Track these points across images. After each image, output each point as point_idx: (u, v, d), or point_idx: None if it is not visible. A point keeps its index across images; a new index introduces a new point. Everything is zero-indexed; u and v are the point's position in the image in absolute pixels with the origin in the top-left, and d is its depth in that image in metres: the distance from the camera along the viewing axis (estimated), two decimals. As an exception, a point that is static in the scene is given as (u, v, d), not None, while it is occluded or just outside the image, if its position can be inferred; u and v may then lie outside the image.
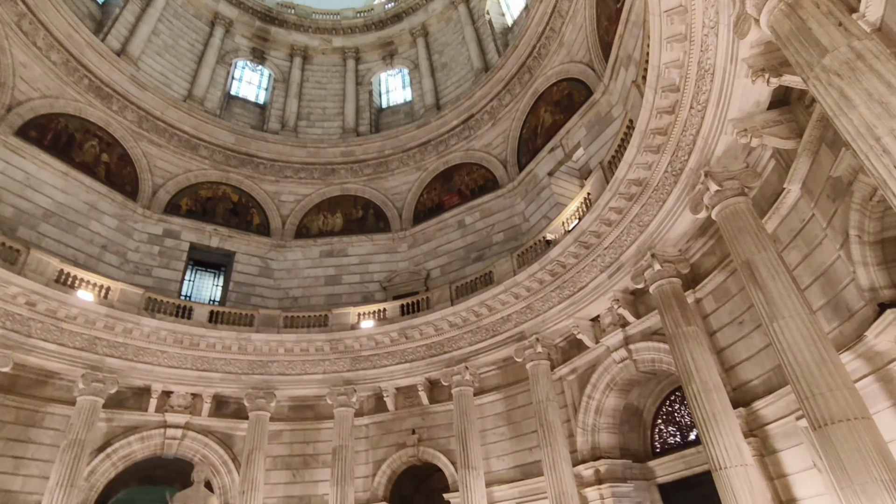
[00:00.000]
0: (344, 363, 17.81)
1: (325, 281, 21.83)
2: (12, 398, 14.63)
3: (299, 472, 17.20)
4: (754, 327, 10.42)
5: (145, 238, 20.27)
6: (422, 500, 19.10)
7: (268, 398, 17.01)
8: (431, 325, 17.27)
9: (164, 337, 16.55)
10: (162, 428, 16.37)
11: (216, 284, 21.67)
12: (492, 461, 15.88)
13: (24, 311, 14.38)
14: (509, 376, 16.72)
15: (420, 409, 17.55)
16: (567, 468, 13.48)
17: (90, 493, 14.89)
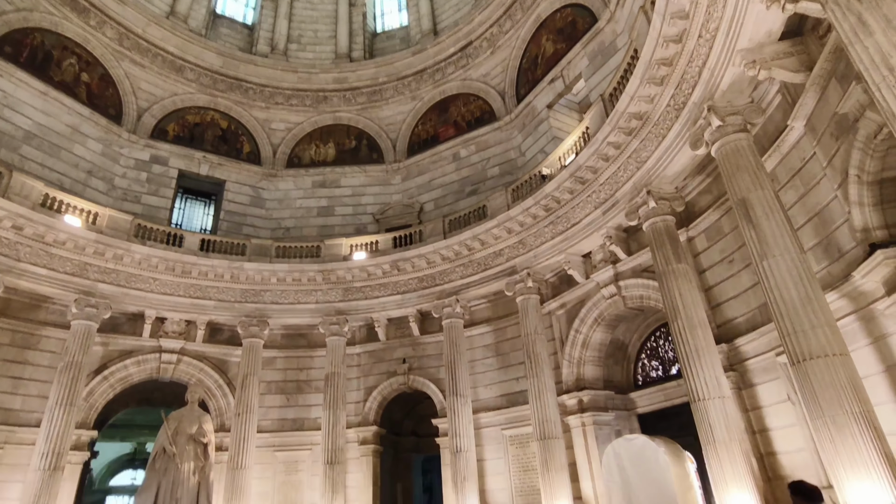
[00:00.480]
0: (336, 294, 17.97)
1: (318, 212, 21.63)
2: (7, 321, 14.74)
3: (293, 397, 17.76)
4: (743, 266, 10.48)
5: (132, 164, 19.80)
6: (411, 425, 19.93)
7: (261, 326, 17.27)
8: (424, 258, 17.31)
9: (155, 264, 16.52)
10: (157, 353, 16.68)
11: (207, 213, 21.44)
12: (479, 390, 16.40)
13: (10, 235, 14.21)
14: (499, 310, 16.97)
15: (411, 339, 17.91)
16: (552, 397, 13.98)
17: (90, 413, 15.37)
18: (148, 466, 7.48)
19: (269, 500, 16.11)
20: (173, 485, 7.09)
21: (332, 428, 16.09)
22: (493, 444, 15.64)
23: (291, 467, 16.72)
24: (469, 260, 16.75)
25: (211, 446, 7.60)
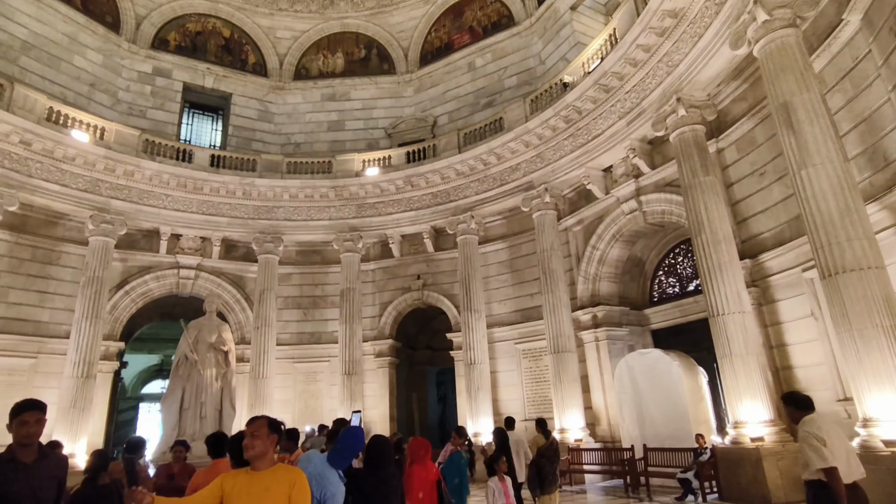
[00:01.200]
0: (349, 210, 17.77)
1: (328, 126, 20.97)
2: (26, 237, 14.85)
3: (309, 312, 18.11)
4: (775, 179, 9.97)
5: (135, 76, 19.08)
6: (426, 339, 20.39)
7: (275, 242, 17.28)
8: (438, 174, 16.88)
9: (166, 180, 16.33)
10: (175, 269, 16.89)
11: (215, 129, 20.91)
12: (493, 305, 16.52)
13: (20, 151, 13.97)
14: (514, 226, 16.71)
15: (425, 255, 17.88)
16: (566, 312, 14.04)
17: (115, 325, 15.84)
18: (172, 373, 7.68)
19: (290, 407, 16.88)
20: (197, 389, 7.30)
21: (348, 341, 16.49)
22: (507, 357, 15.97)
23: (311, 377, 17.37)
24: (484, 175, 16.29)
25: (231, 354, 7.75)
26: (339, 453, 3.37)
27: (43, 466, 3.12)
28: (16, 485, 2.98)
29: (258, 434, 2.73)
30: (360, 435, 3.57)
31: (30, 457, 3.09)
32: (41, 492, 3.05)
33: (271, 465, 2.73)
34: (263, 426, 2.77)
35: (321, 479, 3.19)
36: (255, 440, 2.71)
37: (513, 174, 15.75)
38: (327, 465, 3.30)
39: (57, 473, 3.20)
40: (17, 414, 3.07)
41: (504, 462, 5.51)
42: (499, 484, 5.38)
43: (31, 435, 3.07)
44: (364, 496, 3.45)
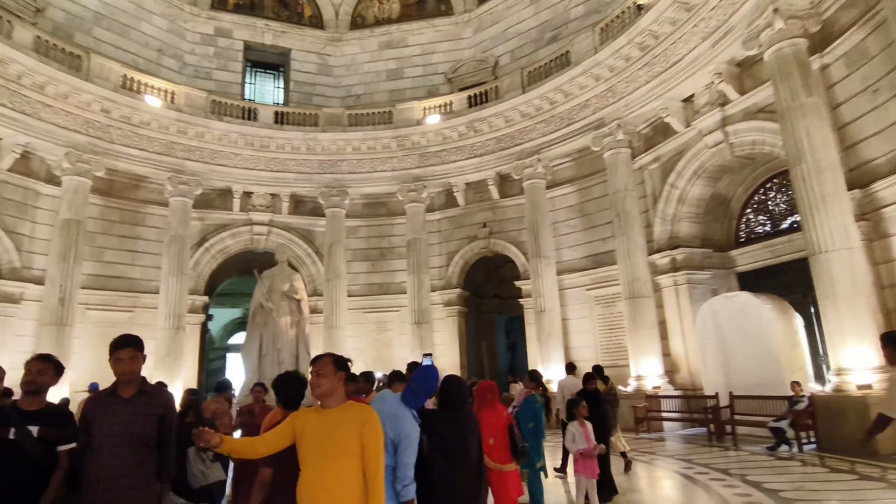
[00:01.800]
0: (412, 160, 17.52)
1: (387, 75, 20.55)
2: (114, 200, 15.80)
3: (377, 263, 18.33)
4: (892, 95, 8.65)
5: (198, 39, 19.38)
6: (493, 287, 20.22)
7: (341, 196, 17.43)
8: (501, 117, 16.18)
9: (234, 140, 16.71)
10: (249, 225, 17.49)
11: (277, 87, 21.06)
12: (563, 252, 15.97)
13: (101, 118, 14.67)
14: (584, 168, 15.86)
15: (490, 203, 17.45)
16: (641, 256, 13.31)
17: (198, 281, 16.75)
18: (249, 321, 7.93)
19: (363, 355, 17.39)
20: (273, 337, 7.51)
21: (416, 291, 16.60)
22: (578, 303, 15.51)
23: (381, 327, 17.76)
24: (551, 115, 15.44)
25: (303, 302, 7.89)
26: (413, 392, 3.20)
27: (140, 402, 3.06)
28: (112, 417, 2.98)
29: (323, 372, 2.60)
30: (435, 374, 3.37)
31: (129, 392, 3.07)
32: (136, 427, 2.99)
33: (341, 403, 2.61)
34: (328, 364, 2.63)
35: (395, 418, 3.03)
36: (321, 378, 2.59)
37: (581, 112, 14.80)
38: (401, 405, 3.14)
39: (156, 410, 3.10)
40: (112, 351, 3.06)
41: (585, 406, 5.23)
42: (579, 428, 5.12)
43: (125, 372, 3.03)
44: (440, 437, 3.28)
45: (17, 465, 3.09)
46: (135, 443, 2.96)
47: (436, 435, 3.26)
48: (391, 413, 3.08)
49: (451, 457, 3.28)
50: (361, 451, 2.46)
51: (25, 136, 13.33)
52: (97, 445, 2.93)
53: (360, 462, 2.46)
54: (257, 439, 2.63)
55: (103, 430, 2.95)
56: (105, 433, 2.95)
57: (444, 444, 3.27)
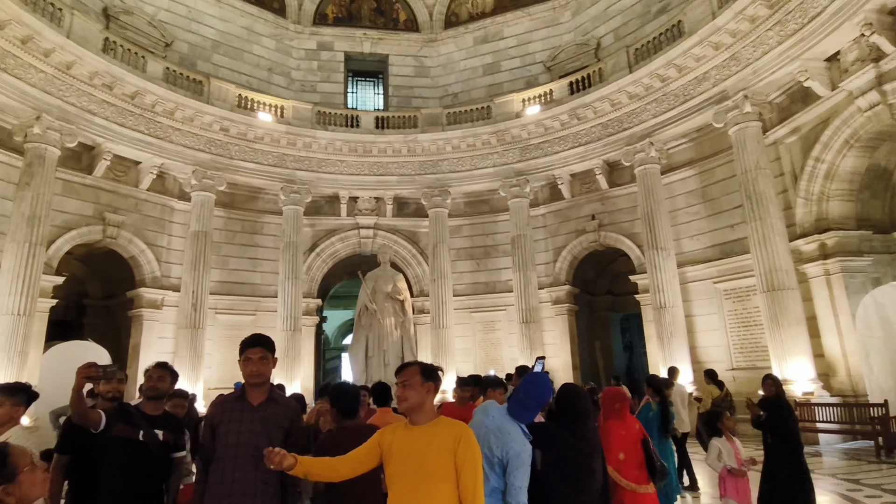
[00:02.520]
0: (513, 154, 16.98)
1: (483, 70, 20.18)
2: (236, 212, 17.01)
3: (482, 262, 17.99)
4: None
5: (303, 55, 20.36)
6: (605, 283, 19.03)
7: (443, 196, 17.33)
8: (606, 100, 15.13)
9: (339, 147, 17.27)
10: (356, 229, 17.99)
11: (377, 93, 21.57)
12: (683, 242, 14.55)
13: (221, 137, 15.83)
14: (704, 148, 14.34)
15: (599, 193, 16.39)
16: (781, 243, 11.66)
17: (312, 284, 17.51)
18: (355, 323, 7.95)
19: (471, 356, 17.15)
20: (379, 338, 7.43)
21: (523, 289, 16.01)
22: (704, 298, 14.02)
23: (489, 326, 17.38)
24: (663, 94, 14.13)
25: (406, 303, 7.74)
26: (521, 404, 2.72)
27: (269, 411, 2.82)
28: (238, 425, 2.78)
29: (410, 383, 2.26)
30: (547, 382, 2.87)
31: (258, 398, 2.85)
32: (262, 439, 2.67)
33: (432, 418, 2.26)
34: (415, 373, 2.28)
35: (501, 433, 2.58)
36: (408, 390, 2.25)
37: (699, 86, 13.36)
38: (508, 418, 2.69)
39: (284, 423, 2.84)
40: (242, 350, 2.87)
41: (731, 419, 4.40)
42: (727, 444, 4.29)
43: (255, 374, 2.81)
44: (560, 457, 2.76)
45: (143, 464, 3.15)
46: (261, 457, 2.74)
47: (554, 453, 2.76)
48: (496, 427, 2.63)
49: (574, 479, 2.76)
50: (456, 476, 2.08)
51: (160, 157, 14.70)
52: (221, 455, 2.75)
53: (456, 488, 2.08)
54: (339, 460, 2.31)
55: (229, 438, 2.76)
56: (230, 442, 2.76)
57: (565, 464, 2.75)
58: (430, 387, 2.26)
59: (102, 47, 13.20)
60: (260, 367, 2.82)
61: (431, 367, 2.36)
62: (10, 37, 11.24)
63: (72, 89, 12.63)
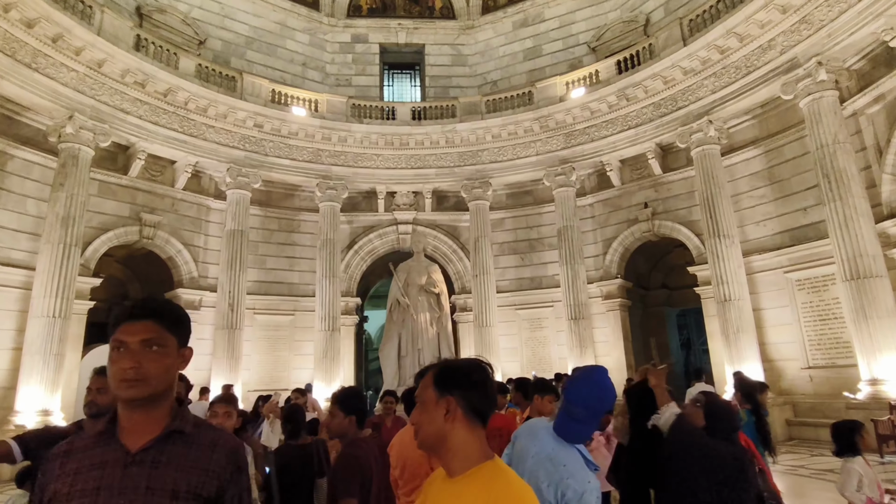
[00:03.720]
0: (557, 141, 15.99)
1: (524, 56, 19.23)
2: (272, 210, 16.71)
3: (527, 256, 17.07)
4: None
5: (337, 48, 19.95)
6: (660, 277, 17.77)
7: (483, 187, 16.52)
8: (658, 78, 13.96)
9: (375, 140, 16.72)
10: (394, 225, 17.40)
11: (414, 85, 20.97)
12: (748, 229, 13.25)
13: (255, 133, 15.53)
14: (770, 124, 13.02)
15: (651, 179, 15.21)
16: (867, 225, 10.32)
17: (350, 283, 17.03)
18: (386, 319, 7.27)
19: (517, 355, 16.25)
20: (413, 335, 6.73)
21: (571, 284, 15.02)
22: (773, 290, 12.70)
23: (535, 324, 16.44)
24: (722, 67, 12.88)
25: (443, 296, 6.98)
26: (569, 415, 1.91)
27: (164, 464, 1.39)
28: (96, 500, 1.40)
29: (421, 398, 1.46)
30: (604, 380, 2.05)
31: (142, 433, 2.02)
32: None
33: (469, 463, 1.38)
34: (427, 385, 1.46)
35: (553, 465, 1.80)
36: (418, 413, 1.46)
37: (764, 56, 12.07)
38: (561, 443, 1.88)
39: (196, 485, 1.39)
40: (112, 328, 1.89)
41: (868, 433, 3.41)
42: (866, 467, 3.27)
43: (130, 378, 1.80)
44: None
45: None
46: None
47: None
48: (546, 456, 1.84)
49: None
50: None
51: (194, 156, 14.49)
52: None
53: None
54: None
55: None
56: None
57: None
58: (450, 405, 1.41)
59: (134, 45, 13.06)
60: (142, 360, 1.41)
61: (459, 367, 1.50)
62: (40, 35, 11.14)
63: (104, 88, 12.51)
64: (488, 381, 1.47)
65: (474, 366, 1.48)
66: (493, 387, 1.49)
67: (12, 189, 11.76)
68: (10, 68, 10.86)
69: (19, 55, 10.97)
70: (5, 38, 10.73)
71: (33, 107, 11.76)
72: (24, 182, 11.97)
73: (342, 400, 2.92)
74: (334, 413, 2.90)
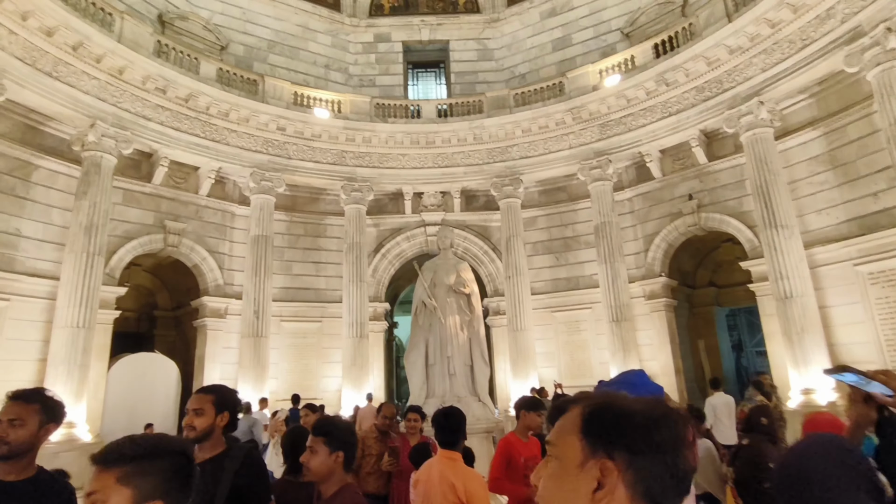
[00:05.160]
0: (591, 133, 15.10)
1: (552, 47, 18.39)
2: (297, 215, 16.33)
3: (562, 255, 16.18)
4: None
5: (360, 49, 19.54)
6: (707, 274, 16.58)
7: (514, 185, 15.74)
8: (701, 59, 12.96)
9: (400, 140, 16.19)
10: (422, 227, 16.79)
11: (439, 83, 20.41)
12: (808, 218, 12.07)
13: (278, 137, 15.19)
14: (830, 103, 11.84)
15: (696, 169, 14.15)
16: (953, 208, 9.09)
17: (378, 287, 16.48)
18: (412, 324, 6.56)
19: (554, 361, 15.37)
20: (441, 342, 6.02)
21: (611, 283, 14.07)
22: (841, 285, 11.48)
23: (573, 327, 15.51)
24: (773, 42, 11.81)
25: (474, 297, 6.25)
26: None
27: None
28: None
29: (559, 456, 0.87)
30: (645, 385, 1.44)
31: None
32: None
33: None
34: (569, 432, 0.88)
35: None
36: (552, 481, 0.88)
37: (822, 26, 10.96)
38: None
39: None
40: None
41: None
42: None
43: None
44: None
45: None
46: None
47: None
48: None
49: None
50: None
51: (217, 161, 14.22)
52: None
53: None
54: None
55: None
56: None
57: None
58: (607, 473, 0.82)
59: (154, 51, 12.86)
60: None
61: (628, 409, 0.86)
62: (60, 43, 10.99)
63: (125, 95, 12.32)
64: (680, 440, 0.83)
65: (657, 412, 0.85)
66: (687, 453, 0.82)
67: (37, 199, 11.65)
68: (31, 77, 10.74)
69: (40, 64, 10.85)
70: (25, 47, 10.61)
71: (55, 116, 11.64)
72: (49, 192, 11.85)
73: (327, 431, 2.27)
74: (315, 448, 2.25)
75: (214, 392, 2.30)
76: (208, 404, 2.25)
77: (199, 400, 2.26)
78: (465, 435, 2.70)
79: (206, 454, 2.20)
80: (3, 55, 10.13)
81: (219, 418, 2.25)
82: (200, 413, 2.22)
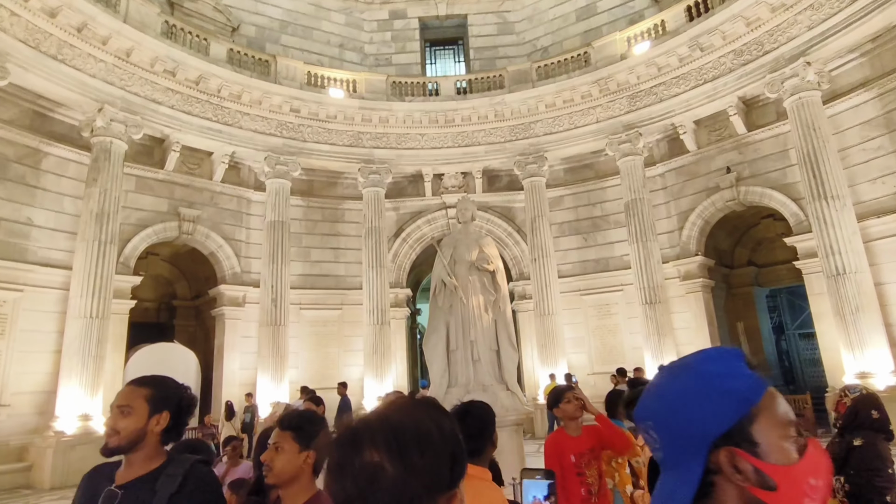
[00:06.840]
0: (620, 105, 14.25)
1: (577, 16, 17.45)
2: (314, 200, 15.89)
3: (590, 236, 15.42)
4: None
5: (375, 27, 18.88)
6: (745, 253, 15.65)
7: (538, 163, 15.01)
8: (739, 20, 11.99)
9: (418, 119, 15.56)
10: (443, 209, 16.19)
11: (458, 61, 19.68)
12: (860, 189, 11.12)
13: (292, 119, 14.71)
14: (886, 61, 10.84)
15: (734, 140, 13.21)
16: None
17: (399, 273, 15.98)
18: (430, 304, 6.00)
19: (584, 346, 14.70)
20: (464, 324, 5.46)
21: (643, 264, 13.30)
22: (898, 260, 10.55)
23: (603, 311, 14.79)
24: (821, -3, 10.79)
25: (499, 274, 5.67)
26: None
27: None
28: None
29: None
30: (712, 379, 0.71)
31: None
32: None
33: None
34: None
35: None
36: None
37: (878, -25, 9.92)
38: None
39: None
40: None
41: None
42: None
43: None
44: None
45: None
46: None
47: None
48: None
49: None
50: None
51: (230, 145, 13.82)
52: None
53: None
54: None
55: None
56: None
57: None
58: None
59: (163, 32, 12.45)
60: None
61: None
62: (64, 25, 10.63)
63: (133, 78, 11.94)
64: None
65: None
66: None
67: (48, 187, 11.39)
68: (35, 60, 10.41)
69: (44, 46, 10.50)
70: (28, 28, 10.27)
71: (63, 101, 11.32)
72: (60, 180, 11.59)
73: (298, 424, 1.78)
74: (282, 445, 1.76)
75: (150, 384, 1.73)
76: (139, 400, 1.67)
77: (128, 394, 1.69)
78: (495, 440, 2.11)
79: (135, 472, 1.65)
80: (5, 37, 9.80)
81: (154, 420, 1.68)
82: (128, 412, 1.66)
